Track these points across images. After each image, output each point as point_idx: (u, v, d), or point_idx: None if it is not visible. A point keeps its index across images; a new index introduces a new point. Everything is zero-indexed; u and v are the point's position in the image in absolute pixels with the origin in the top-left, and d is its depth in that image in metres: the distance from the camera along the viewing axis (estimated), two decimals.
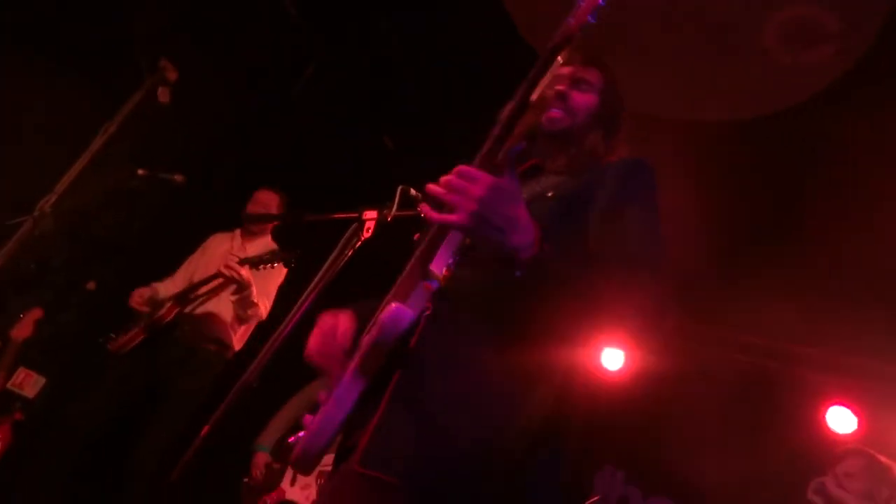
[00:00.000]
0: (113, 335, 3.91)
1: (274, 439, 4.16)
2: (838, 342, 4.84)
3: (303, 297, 2.05)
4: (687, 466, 5.24)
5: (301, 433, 1.32)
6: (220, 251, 4.27)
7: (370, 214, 2.20)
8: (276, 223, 4.28)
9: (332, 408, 1.25)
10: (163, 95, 4.32)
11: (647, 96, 4.05)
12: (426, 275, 1.24)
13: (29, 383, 4.34)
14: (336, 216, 2.27)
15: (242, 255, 4.02)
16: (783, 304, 4.60)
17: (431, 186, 1.18)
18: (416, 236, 1.66)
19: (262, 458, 4.17)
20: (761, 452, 4.88)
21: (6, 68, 3.92)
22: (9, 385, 4.10)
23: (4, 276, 3.95)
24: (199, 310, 3.96)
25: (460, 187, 1.14)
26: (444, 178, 1.17)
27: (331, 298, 2.12)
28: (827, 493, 3.36)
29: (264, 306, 4.08)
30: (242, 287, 3.89)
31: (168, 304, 3.88)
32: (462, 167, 1.17)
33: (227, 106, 4.79)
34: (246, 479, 4.16)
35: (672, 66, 4.05)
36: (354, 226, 2.18)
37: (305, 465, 1.29)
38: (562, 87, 1.73)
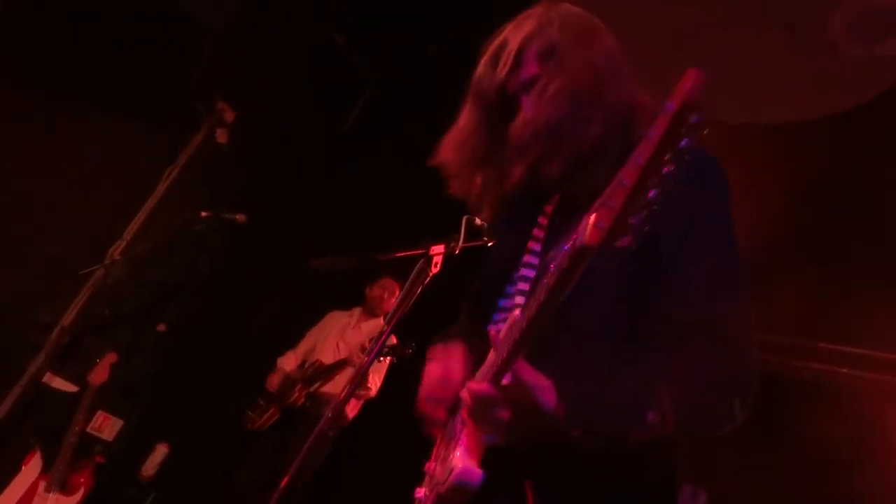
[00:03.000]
0: (250, 414, 4.28)
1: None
2: None
3: (376, 338, 2.00)
4: (780, 488, 4.98)
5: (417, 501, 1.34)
6: (336, 328, 4.61)
7: (437, 249, 2.13)
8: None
9: None
10: (221, 136, 4.41)
11: (717, 101, 3.88)
12: None
13: (107, 426, 4.43)
14: (403, 254, 2.21)
15: (358, 334, 4.47)
16: (871, 309, 4.36)
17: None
18: (462, 318, 1.58)
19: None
20: (847, 464, 4.61)
21: (69, 120, 4.05)
22: (88, 429, 4.19)
23: (80, 323, 4.08)
24: (322, 389, 4.29)
25: (482, 412, 1.15)
26: (466, 405, 1.17)
27: (403, 335, 2.08)
28: None
29: (375, 385, 4.34)
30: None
31: (298, 388, 4.22)
32: (478, 392, 1.15)
33: (284, 142, 4.85)
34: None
35: (735, 69, 3.89)
36: (422, 262, 2.12)
37: None
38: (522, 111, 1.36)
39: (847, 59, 3.80)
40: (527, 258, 1.44)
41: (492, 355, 1.23)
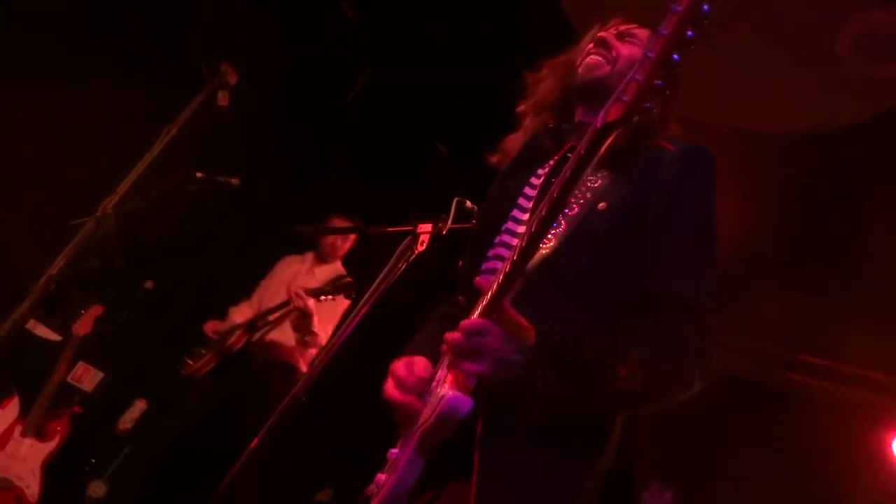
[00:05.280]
0: (188, 360, 4.07)
1: None
2: None
3: (355, 311, 2.02)
4: (743, 488, 5.07)
5: (375, 484, 1.36)
6: (288, 274, 4.35)
7: (425, 228, 2.15)
8: (346, 251, 4.33)
9: (399, 477, 1.28)
10: (222, 99, 4.39)
11: (711, 103, 3.91)
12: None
13: (87, 377, 4.46)
14: (390, 229, 2.23)
15: (311, 280, 4.17)
16: (851, 326, 4.42)
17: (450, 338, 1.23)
18: (460, 264, 1.60)
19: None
20: (822, 477, 4.68)
21: (70, 71, 4.03)
22: (68, 379, 4.22)
23: (68, 273, 4.08)
24: (266, 337, 4.05)
25: (467, 345, 1.19)
26: (455, 337, 1.21)
27: (384, 312, 2.10)
28: None
29: (325, 333, 4.08)
30: (305, 316, 3.92)
31: (238, 332, 4.00)
32: (470, 326, 1.20)
33: (285, 110, 4.84)
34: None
35: (741, 74, 3.90)
36: (408, 239, 2.14)
37: None
38: (603, 34, 1.59)
39: (849, 76, 3.82)
40: (515, 213, 1.50)
41: (480, 301, 1.28)
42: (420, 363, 1.41)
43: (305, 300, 3.85)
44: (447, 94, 4.54)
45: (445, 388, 1.23)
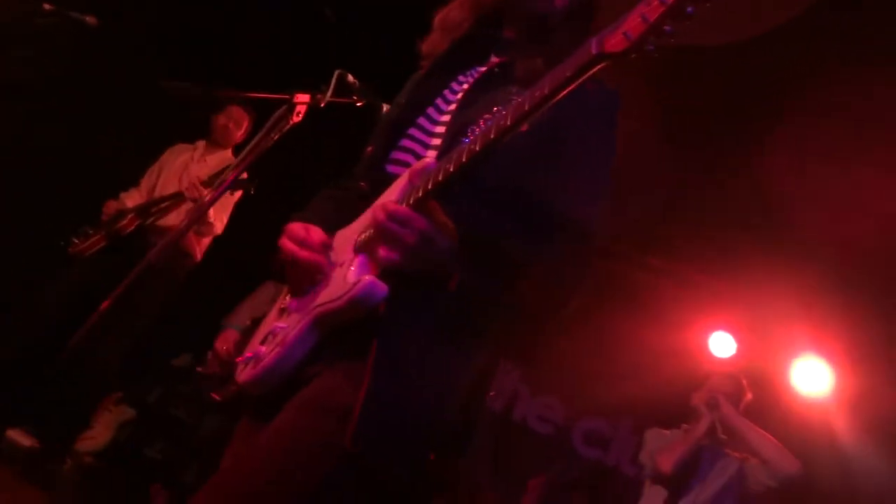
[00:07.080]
0: (75, 239, 4.00)
1: (245, 321, 4.15)
2: (728, 270, 5.13)
3: (224, 178, 1.95)
4: (576, 371, 5.60)
5: (250, 354, 1.37)
6: (179, 162, 4.36)
7: (302, 98, 2.07)
8: (240, 139, 4.33)
9: (286, 352, 1.29)
10: None
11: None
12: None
13: None
14: (264, 96, 2.12)
15: (203, 168, 4.20)
16: (681, 227, 4.86)
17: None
18: (370, 149, 1.58)
19: (232, 335, 4.14)
20: (646, 365, 5.21)
21: None
22: None
23: None
24: (160, 223, 4.06)
25: (393, 231, 1.21)
26: (379, 221, 1.23)
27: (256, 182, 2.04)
28: (720, 409, 3.69)
29: (220, 221, 4.18)
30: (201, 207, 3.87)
31: (129, 216, 3.99)
32: (395, 211, 1.22)
33: None
34: (200, 369, 4.23)
35: None
36: (283, 108, 2.05)
37: (254, 391, 1.36)
38: None
39: None
40: (431, 111, 1.55)
41: (397, 189, 1.32)
42: (316, 231, 1.42)
43: (201, 191, 3.83)
44: None
45: (354, 271, 1.25)
